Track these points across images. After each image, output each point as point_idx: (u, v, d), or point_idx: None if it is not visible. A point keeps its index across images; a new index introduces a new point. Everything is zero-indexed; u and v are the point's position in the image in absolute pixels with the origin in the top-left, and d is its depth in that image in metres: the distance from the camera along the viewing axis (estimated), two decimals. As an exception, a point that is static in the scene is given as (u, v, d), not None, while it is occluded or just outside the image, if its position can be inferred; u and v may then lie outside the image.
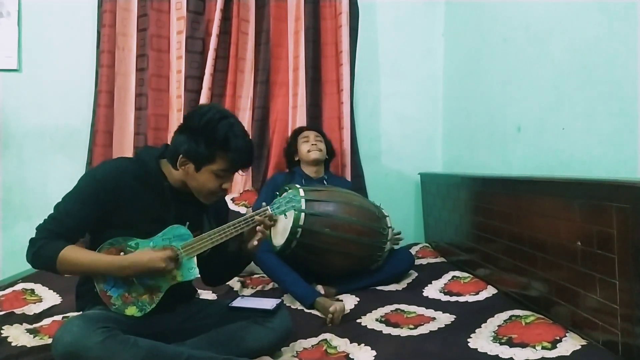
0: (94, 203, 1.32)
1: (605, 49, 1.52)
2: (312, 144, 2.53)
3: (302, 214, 1.99)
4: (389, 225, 2.23)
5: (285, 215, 1.50)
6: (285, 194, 1.53)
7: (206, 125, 1.34)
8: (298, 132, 2.66)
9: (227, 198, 2.73)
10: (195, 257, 1.39)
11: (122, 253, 1.33)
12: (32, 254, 1.28)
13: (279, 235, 2.09)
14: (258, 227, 1.43)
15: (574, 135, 1.69)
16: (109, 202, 1.33)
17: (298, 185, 2.15)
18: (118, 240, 1.33)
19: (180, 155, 1.36)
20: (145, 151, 1.51)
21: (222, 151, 1.35)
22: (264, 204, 1.48)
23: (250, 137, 1.45)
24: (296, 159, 2.60)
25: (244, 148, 1.38)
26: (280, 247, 2.05)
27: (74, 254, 1.28)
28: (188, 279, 1.37)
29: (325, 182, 2.54)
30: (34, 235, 1.30)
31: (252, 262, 2.22)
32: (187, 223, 1.40)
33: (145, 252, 1.31)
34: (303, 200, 2.02)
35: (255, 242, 1.44)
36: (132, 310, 1.31)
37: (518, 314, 1.59)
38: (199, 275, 1.45)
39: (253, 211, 1.45)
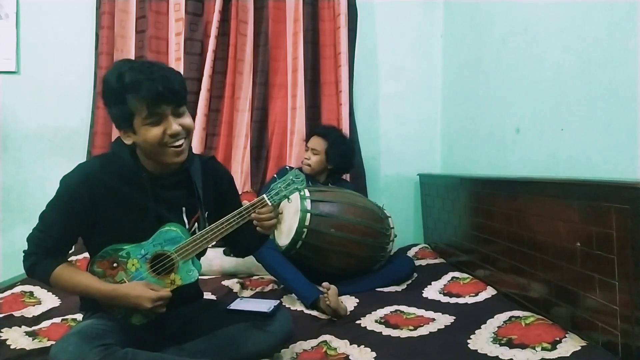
0: (73, 211, 1.29)
1: (604, 50, 1.52)
2: (305, 158, 2.54)
3: (308, 214, 2.01)
4: (392, 226, 2.24)
5: (289, 199, 1.38)
6: (285, 176, 1.38)
7: (104, 88, 1.28)
8: (308, 136, 2.65)
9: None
10: (194, 259, 1.35)
11: (114, 264, 1.30)
12: (27, 270, 1.30)
13: (284, 236, 2.09)
14: (256, 222, 1.35)
15: (573, 136, 1.69)
16: (87, 206, 1.29)
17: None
18: (108, 252, 1.30)
19: (119, 131, 1.31)
20: (118, 144, 1.37)
21: (129, 96, 1.23)
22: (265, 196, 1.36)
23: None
24: None
25: (142, 75, 1.23)
26: (286, 247, 2.05)
27: (66, 276, 1.28)
28: (188, 282, 1.33)
29: (329, 185, 2.54)
30: (26, 248, 1.30)
31: (253, 263, 2.23)
32: (184, 209, 1.37)
33: (137, 287, 1.27)
34: (308, 201, 2.03)
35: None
36: (137, 318, 1.30)
37: (518, 315, 1.58)
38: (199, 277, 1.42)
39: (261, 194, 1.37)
